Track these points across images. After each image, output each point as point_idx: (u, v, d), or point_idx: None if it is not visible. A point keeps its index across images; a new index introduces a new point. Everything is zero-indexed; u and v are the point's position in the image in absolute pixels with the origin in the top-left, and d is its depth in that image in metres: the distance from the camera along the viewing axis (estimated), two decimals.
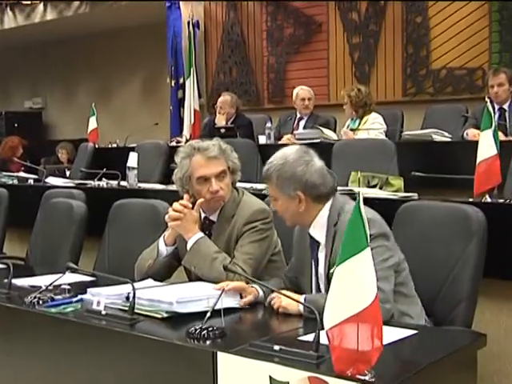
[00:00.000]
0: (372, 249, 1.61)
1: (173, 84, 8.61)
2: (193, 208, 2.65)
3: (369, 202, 3.39)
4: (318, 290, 2.40)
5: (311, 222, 2.39)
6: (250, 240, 2.63)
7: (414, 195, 3.52)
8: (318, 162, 2.37)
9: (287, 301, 2.20)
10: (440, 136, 4.90)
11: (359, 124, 5.64)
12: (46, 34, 10.07)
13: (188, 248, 2.63)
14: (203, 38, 8.67)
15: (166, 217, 2.68)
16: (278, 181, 2.34)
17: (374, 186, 3.89)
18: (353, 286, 1.56)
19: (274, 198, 2.41)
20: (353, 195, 1.55)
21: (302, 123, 6.32)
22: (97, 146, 6.84)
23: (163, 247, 2.74)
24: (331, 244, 2.33)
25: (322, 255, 2.38)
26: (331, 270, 2.31)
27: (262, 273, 2.64)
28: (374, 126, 5.53)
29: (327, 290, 1.72)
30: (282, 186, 2.34)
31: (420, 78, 7.03)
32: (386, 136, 5.41)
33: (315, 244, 2.41)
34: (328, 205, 2.37)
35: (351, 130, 5.55)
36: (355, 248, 1.56)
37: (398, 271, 2.29)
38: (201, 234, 2.63)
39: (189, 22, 8.45)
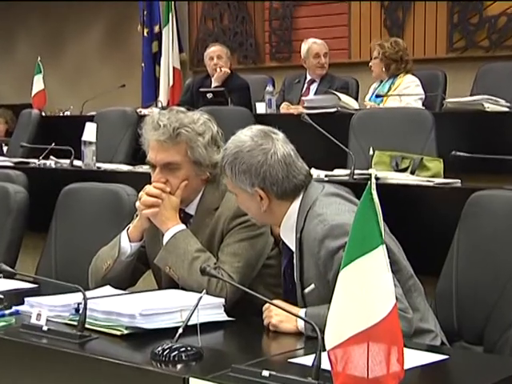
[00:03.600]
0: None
1: (145, 33, 8.65)
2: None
3: (395, 190, 3.47)
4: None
5: (280, 222, 2.47)
6: (238, 238, 2.66)
7: (457, 182, 3.57)
8: (281, 149, 2.42)
9: (281, 317, 2.24)
10: (494, 104, 4.91)
11: (389, 89, 5.67)
12: None
13: (164, 242, 2.66)
14: None
15: (138, 203, 2.72)
16: (233, 174, 2.43)
17: (405, 170, 3.93)
18: (362, 295, 1.60)
19: (234, 193, 2.52)
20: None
21: (314, 87, 6.34)
22: (43, 114, 6.89)
23: (127, 244, 2.77)
24: (299, 256, 2.41)
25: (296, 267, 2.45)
26: (305, 290, 2.40)
27: (254, 281, 2.66)
28: (408, 91, 5.55)
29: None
30: (238, 181, 2.43)
31: (471, 28, 7.06)
32: (423, 105, 5.44)
33: (289, 251, 2.48)
34: (297, 202, 2.44)
35: (377, 96, 5.58)
36: (365, 246, 1.60)
37: None
38: (182, 226, 2.67)
39: None
